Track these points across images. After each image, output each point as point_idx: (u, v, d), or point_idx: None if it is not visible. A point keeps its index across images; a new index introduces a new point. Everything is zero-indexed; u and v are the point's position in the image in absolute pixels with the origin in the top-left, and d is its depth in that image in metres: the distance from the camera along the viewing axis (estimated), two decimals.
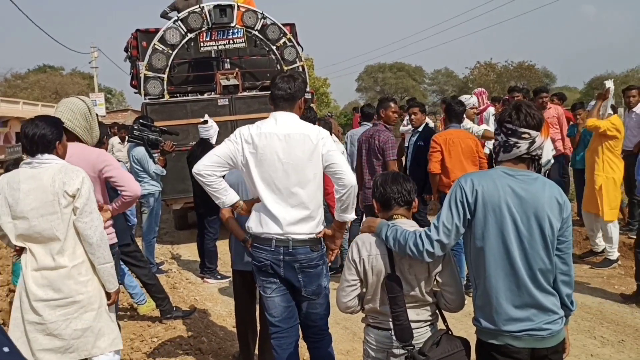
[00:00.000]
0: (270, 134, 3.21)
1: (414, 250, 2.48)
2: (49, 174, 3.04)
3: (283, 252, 3.23)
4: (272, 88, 3.33)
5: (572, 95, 26.59)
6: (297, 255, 3.24)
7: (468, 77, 44.83)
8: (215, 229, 7.04)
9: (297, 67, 9.57)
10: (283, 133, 3.20)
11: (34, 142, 3.06)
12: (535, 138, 2.42)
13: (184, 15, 9.06)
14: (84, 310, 3.11)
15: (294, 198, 3.20)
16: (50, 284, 3.04)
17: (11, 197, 3.03)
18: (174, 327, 5.08)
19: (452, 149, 5.81)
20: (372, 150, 6.04)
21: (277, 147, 3.19)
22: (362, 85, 58.13)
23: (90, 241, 3.09)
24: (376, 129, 6.12)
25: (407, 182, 2.81)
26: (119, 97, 57.10)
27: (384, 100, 6.40)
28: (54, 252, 3.05)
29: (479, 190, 2.40)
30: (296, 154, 3.18)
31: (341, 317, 5.47)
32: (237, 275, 4.26)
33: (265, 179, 3.21)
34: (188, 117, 8.71)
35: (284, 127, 3.23)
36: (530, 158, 2.47)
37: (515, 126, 2.43)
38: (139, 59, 9.56)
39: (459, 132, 5.96)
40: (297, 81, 3.36)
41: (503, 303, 2.41)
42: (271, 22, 9.44)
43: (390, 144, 5.93)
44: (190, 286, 6.85)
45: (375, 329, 2.75)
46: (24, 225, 3.03)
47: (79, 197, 3.05)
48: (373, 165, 6.03)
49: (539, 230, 2.37)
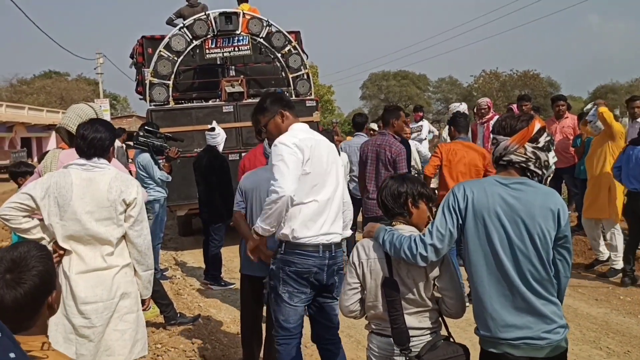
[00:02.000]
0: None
1: (407, 254, 2.51)
2: (105, 180, 3.08)
3: (328, 256, 3.32)
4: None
5: (577, 105, 26.57)
6: (337, 257, 3.35)
7: (472, 86, 44.87)
8: (221, 235, 7.04)
9: (302, 75, 9.61)
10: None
11: (92, 146, 3.10)
12: (500, 142, 2.49)
13: (189, 23, 9.12)
14: (128, 310, 3.15)
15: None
16: (102, 282, 3.07)
17: (61, 198, 3.03)
18: (177, 334, 5.07)
19: (452, 159, 5.72)
20: (381, 161, 5.69)
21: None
22: (367, 93, 58.24)
23: (139, 249, 3.17)
24: (386, 139, 5.73)
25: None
26: (123, 103, 57.28)
27: (394, 109, 6.02)
28: (104, 253, 3.09)
29: (469, 197, 2.45)
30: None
31: (345, 325, 5.45)
32: (245, 279, 4.26)
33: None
34: (193, 124, 8.74)
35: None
36: (510, 164, 2.48)
37: (493, 134, 2.57)
38: (145, 66, 9.62)
39: (464, 144, 5.86)
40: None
41: (497, 308, 2.42)
42: (276, 30, 9.49)
43: (403, 155, 5.64)
44: (194, 292, 6.84)
45: (378, 336, 2.76)
46: (76, 227, 3.04)
47: (135, 206, 3.13)
48: (381, 176, 5.67)
49: (529, 238, 2.38)
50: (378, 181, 5.68)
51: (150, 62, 9.12)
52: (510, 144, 2.46)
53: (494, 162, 2.57)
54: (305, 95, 9.56)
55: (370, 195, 5.73)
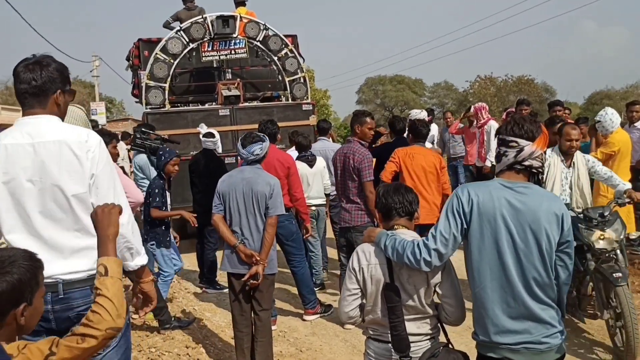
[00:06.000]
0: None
1: (411, 259, 2.48)
2: None
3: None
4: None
5: (573, 110, 26.59)
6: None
7: (468, 91, 44.98)
8: (215, 238, 7.01)
9: (299, 78, 9.61)
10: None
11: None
12: (525, 147, 2.44)
13: (186, 26, 9.10)
14: None
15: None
16: None
17: None
18: (172, 338, 5.04)
19: (409, 164, 5.65)
20: (346, 170, 5.37)
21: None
22: (363, 97, 58.24)
23: None
24: (350, 147, 5.38)
25: (408, 192, 2.81)
26: (119, 106, 57.15)
27: (359, 114, 5.60)
28: None
29: (474, 200, 2.42)
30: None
31: (340, 330, 5.45)
32: (229, 278, 4.37)
33: None
34: (189, 127, 8.72)
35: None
36: (525, 169, 2.47)
37: (504, 135, 2.50)
38: (141, 68, 9.61)
39: (421, 149, 5.80)
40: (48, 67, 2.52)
41: (499, 314, 2.41)
42: (273, 33, 9.48)
43: (367, 163, 5.26)
44: (189, 296, 6.81)
45: (375, 341, 2.74)
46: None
47: None
48: (348, 186, 5.37)
49: (535, 242, 2.37)
50: (346, 191, 5.39)
51: (147, 64, 9.09)
52: (536, 149, 2.45)
53: (508, 166, 2.49)
54: (302, 99, 9.55)
55: (343, 205, 5.44)
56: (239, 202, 4.21)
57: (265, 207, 4.18)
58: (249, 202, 4.19)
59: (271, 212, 4.19)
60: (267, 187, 4.18)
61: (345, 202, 5.40)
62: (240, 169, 4.45)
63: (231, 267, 4.28)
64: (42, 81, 2.49)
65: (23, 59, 2.54)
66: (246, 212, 4.20)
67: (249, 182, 4.20)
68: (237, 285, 4.28)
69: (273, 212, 4.20)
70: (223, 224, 4.26)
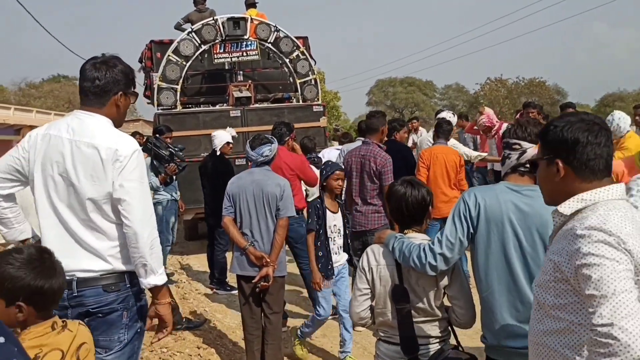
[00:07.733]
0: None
1: (416, 263, 2.48)
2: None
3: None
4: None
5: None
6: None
7: (478, 93, 44.80)
8: (226, 240, 7.01)
9: (310, 80, 9.63)
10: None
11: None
12: (527, 150, 2.45)
13: (198, 27, 9.15)
14: None
15: None
16: None
17: None
18: (183, 338, 5.06)
19: (434, 163, 6.20)
20: (365, 173, 5.28)
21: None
22: (373, 99, 58.21)
23: None
24: (370, 150, 5.31)
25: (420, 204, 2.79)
26: (130, 107, 57.55)
27: (380, 115, 5.62)
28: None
29: (481, 205, 2.42)
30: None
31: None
32: (238, 280, 4.37)
33: None
34: (200, 128, 8.77)
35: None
36: (530, 171, 2.46)
37: (508, 138, 2.52)
38: (153, 70, 9.67)
39: (444, 148, 6.35)
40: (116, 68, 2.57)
41: (507, 318, 2.40)
42: (284, 35, 9.51)
43: (389, 167, 5.19)
44: (200, 297, 6.84)
45: (386, 343, 2.74)
46: None
47: None
48: (367, 188, 5.29)
49: (542, 245, 2.36)
50: (363, 192, 5.31)
51: (159, 66, 9.16)
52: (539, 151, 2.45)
53: (512, 169, 2.51)
54: (313, 100, 9.57)
55: (358, 209, 5.35)
56: (249, 203, 4.21)
57: (276, 209, 4.19)
58: (260, 203, 4.19)
59: (282, 213, 4.19)
60: (278, 189, 4.18)
61: (362, 205, 5.34)
62: (250, 171, 4.46)
63: (241, 270, 4.26)
64: (105, 81, 2.53)
65: (91, 57, 2.60)
66: (257, 214, 4.20)
67: (259, 184, 4.20)
68: (246, 288, 4.27)
69: (284, 213, 4.20)
70: (233, 226, 4.25)
